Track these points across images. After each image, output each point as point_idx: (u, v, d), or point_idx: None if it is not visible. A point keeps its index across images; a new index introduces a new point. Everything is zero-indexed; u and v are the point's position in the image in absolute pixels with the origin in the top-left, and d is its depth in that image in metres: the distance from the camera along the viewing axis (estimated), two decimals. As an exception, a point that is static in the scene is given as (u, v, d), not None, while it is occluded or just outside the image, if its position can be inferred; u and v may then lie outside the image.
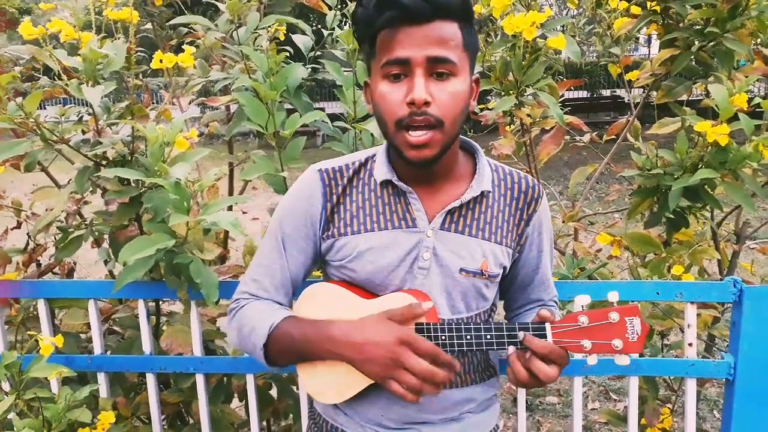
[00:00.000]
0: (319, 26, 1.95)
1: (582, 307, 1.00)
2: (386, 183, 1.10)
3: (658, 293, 1.44)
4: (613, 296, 1.00)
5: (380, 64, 0.99)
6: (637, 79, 1.96)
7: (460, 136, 1.11)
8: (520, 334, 1.01)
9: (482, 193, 1.09)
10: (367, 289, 1.11)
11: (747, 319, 1.38)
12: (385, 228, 1.09)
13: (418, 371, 0.96)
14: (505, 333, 1.02)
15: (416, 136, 0.97)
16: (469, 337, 1.02)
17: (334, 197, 1.11)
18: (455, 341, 1.03)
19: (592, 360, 1.00)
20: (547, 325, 1.01)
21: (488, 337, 1.02)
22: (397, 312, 1.01)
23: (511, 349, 1.02)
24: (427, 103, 0.96)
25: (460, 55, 0.98)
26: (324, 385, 1.10)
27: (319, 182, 1.12)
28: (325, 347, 1.03)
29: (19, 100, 1.39)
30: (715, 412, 2.96)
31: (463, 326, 1.03)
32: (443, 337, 1.03)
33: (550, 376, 0.99)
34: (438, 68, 0.97)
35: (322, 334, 1.04)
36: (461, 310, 1.10)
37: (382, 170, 1.09)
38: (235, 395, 1.81)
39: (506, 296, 1.26)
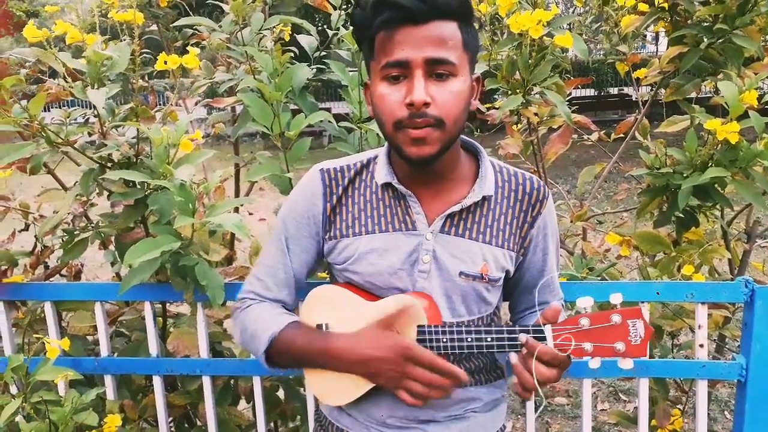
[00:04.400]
0: (325, 26, 1.94)
1: (584, 309, 0.98)
2: (386, 186, 1.09)
3: (660, 293, 1.42)
4: (616, 298, 0.97)
5: (379, 66, 0.98)
6: (645, 77, 1.94)
7: (463, 136, 1.10)
8: (521, 337, 1.00)
9: (484, 197, 1.08)
10: (370, 291, 1.10)
11: (759, 319, 1.36)
12: (385, 230, 1.08)
13: (423, 381, 0.99)
14: (505, 336, 1.01)
15: (417, 130, 0.96)
16: (469, 339, 1.02)
17: (334, 197, 1.11)
18: (456, 344, 1.02)
19: (595, 363, 0.98)
20: (548, 328, 0.99)
21: (488, 339, 1.02)
22: (389, 318, 1.02)
23: (513, 356, 1.01)
24: (426, 104, 0.95)
25: (459, 55, 0.97)
26: (330, 387, 1.10)
27: (320, 182, 1.12)
28: (327, 361, 1.06)
29: (23, 102, 1.39)
30: (726, 412, 2.93)
31: (464, 329, 1.03)
32: (444, 340, 1.03)
33: (546, 377, 0.98)
34: (437, 69, 0.96)
35: (322, 349, 1.05)
36: (462, 313, 1.10)
37: (382, 173, 1.08)
38: (243, 397, 1.81)
39: (511, 298, 1.24)
